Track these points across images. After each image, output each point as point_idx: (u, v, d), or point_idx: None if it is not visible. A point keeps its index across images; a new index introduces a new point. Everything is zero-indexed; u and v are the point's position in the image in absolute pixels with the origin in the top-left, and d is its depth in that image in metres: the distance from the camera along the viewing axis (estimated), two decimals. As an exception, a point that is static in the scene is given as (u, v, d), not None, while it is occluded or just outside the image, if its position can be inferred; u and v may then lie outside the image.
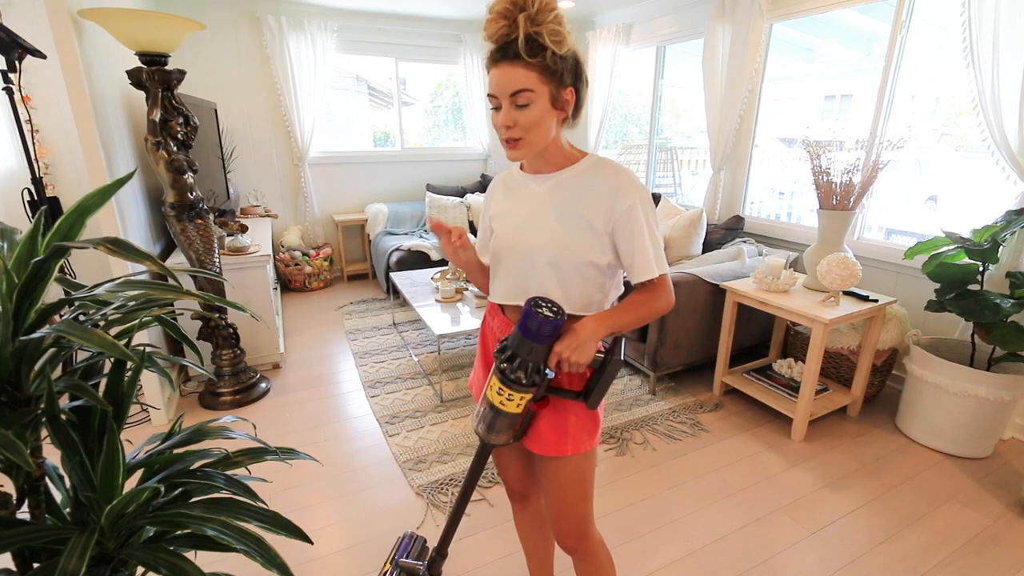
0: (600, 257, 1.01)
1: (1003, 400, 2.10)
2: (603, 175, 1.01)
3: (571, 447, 1.07)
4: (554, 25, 0.89)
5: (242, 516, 0.89)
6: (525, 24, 0.88)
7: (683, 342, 2.68)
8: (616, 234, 1.01)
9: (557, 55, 0.91)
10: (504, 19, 0.89)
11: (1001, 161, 2.20)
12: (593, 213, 1.00)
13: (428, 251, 4.03)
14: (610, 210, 0.99)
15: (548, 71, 0.91)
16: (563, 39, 0.91)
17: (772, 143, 3.84)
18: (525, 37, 0.88)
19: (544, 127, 0.96)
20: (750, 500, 1.98)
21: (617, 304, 1.07)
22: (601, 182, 1.00)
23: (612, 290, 1.09)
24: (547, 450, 1.08)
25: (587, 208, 1.00)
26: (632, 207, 0.98)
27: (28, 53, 1.91)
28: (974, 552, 1.74)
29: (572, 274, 1.02)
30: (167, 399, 2.55)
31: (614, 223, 1.00)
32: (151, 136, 2.21)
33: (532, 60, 0.90)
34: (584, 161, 1.04)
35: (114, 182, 0.87)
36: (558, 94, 0.94)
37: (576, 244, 1.00)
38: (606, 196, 0.99)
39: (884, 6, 2.68)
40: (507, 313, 1.13)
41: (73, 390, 0.82)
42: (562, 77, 0.93)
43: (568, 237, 1.00)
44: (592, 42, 4.55)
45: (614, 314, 1.00)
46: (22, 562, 0.87)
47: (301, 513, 1.90)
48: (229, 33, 3.98)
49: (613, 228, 1.00)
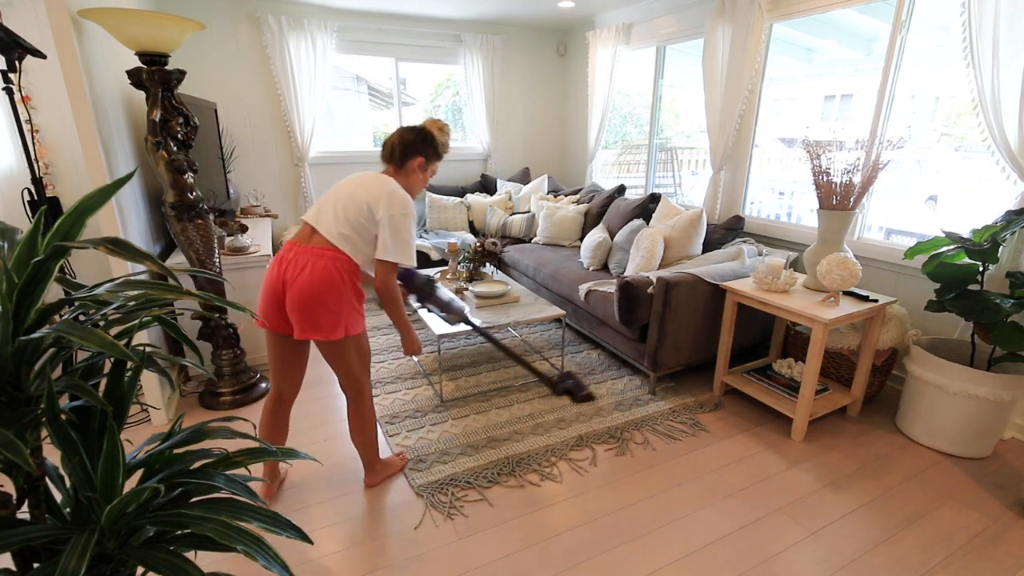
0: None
1: (1003, 400, 2.10)
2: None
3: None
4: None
5: (242, 516, 0.89)
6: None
7: (683, 342, 2.69)
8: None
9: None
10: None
11: (1001, 161, 2.20)
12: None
13: (428, 251, 4.03)
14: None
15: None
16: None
17: (772, 143, 3.84)
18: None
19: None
20: (750, 500, 1.98)
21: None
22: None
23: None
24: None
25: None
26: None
27: (28, 53, 1.91)
28: (974, 552, 1.74)
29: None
30: (167, 399, 2.55)
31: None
32: (151, 136, 2.21)
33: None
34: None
35: (114, 182, 0.87)
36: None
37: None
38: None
39: (884, 6, 2.68)
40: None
41: (73, 390, 0.82)
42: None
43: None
44: (592, 42, 4.55)
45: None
46: (22, 562, 0.87)
47: (301, 513, 1.90)
48: (229, 33, 3.98)
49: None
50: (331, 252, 1.68)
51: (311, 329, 1.68)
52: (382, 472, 2.08)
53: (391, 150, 1.82)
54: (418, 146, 1.82)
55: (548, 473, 2.13)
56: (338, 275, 1.67)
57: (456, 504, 1.95)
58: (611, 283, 3.03)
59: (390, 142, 1.83)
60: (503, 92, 5.07)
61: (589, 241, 3.54)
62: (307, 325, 1.67)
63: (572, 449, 2.28)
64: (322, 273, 1.65)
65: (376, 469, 2.05)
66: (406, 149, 1.81)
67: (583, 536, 1.81)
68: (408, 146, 1.81)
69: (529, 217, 4.43)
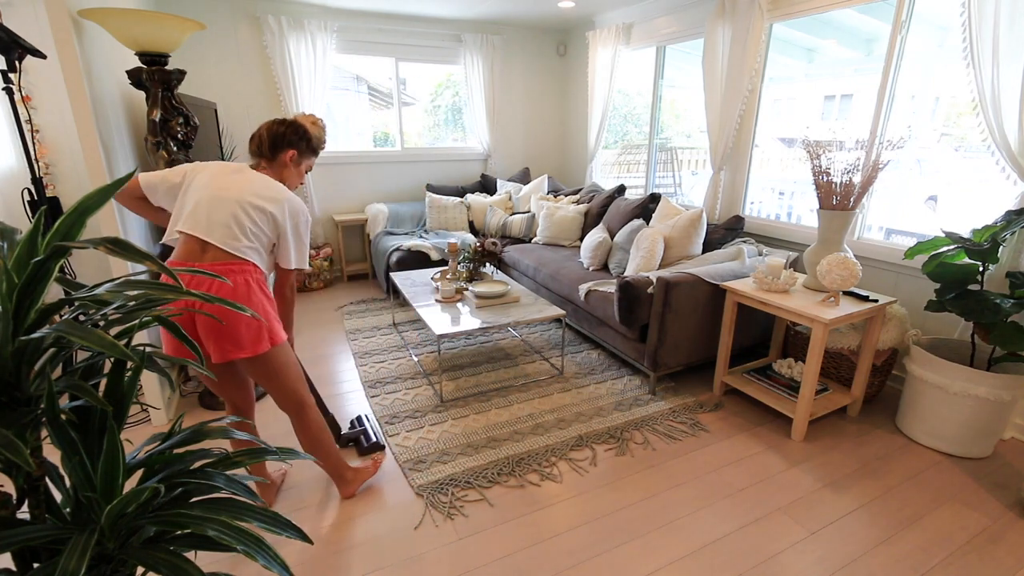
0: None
1: (1003, 400, 2.10)
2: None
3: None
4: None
5: (242, 516, 0.89)
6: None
7: (683, 342, 2.69)
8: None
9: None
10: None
11: (1001, 161, 2.20)
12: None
13: (428, 251, 4.03)
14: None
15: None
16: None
17: (772, 143, 3.84)
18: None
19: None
20: (750, 500, 1.98)
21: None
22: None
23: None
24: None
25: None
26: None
27: (28, 53, 1.91)
28: (974, 552, 1.74)
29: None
30: (167, 399, 2.55)
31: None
32: (151, 136, 2.21)
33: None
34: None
35: (114, 182, 0.87)
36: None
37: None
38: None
39: (884, 6, 2.68)
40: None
41: (73, 390, 0.81)
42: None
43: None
44: (592, 42, 4.55)
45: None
46: (22, 562, 0.87)
47: (301, 513, 1.90)
48: (229, 33, 3.98)
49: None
50: (237, 265, 1.56)
51: (233, 347, 1.55)
52: (355, 480, 1.98)
53: (259, 143, 1.73)
54: (289, 138, 1.75)
55: (548, 473, 2.13)
56: (248, 287, 1.57)
57: (456, 504, 1.95)
58: (611, 283, 3.03)
59: (257, 135, 1.74)
60: (503, 92, 5.07)
61: (589, 241, 3.54)
62: (227, 344, 1.55)
63: (572, 449, 2.28)
64: (234, 290, 1.54)
65: (348, 479, 1.96)
66: (276, 141, 1.73)
67: (583, 536, 1.81)
68: (278, 137, 1.73)
69: (529, 217, 4.43)
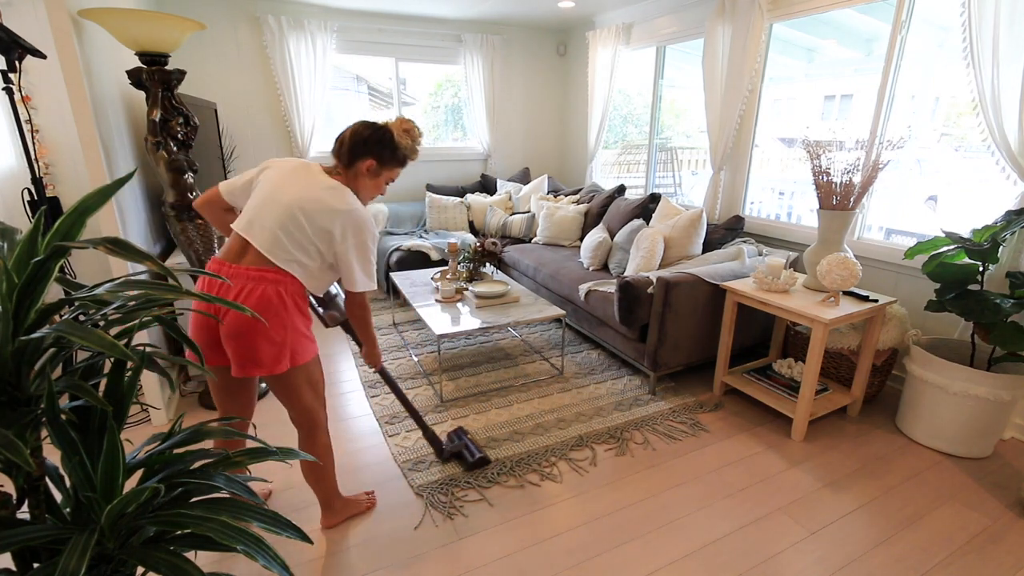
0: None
1: (1003, 400, 2.10)
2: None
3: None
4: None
5: (242, 516, 0.89)
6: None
7: (683, 342, 2.68)
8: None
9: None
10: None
11: (1001, 161, 2.20)
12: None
13: (428, 251, 4.03)
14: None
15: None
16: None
17: (772, 143, 3.83)
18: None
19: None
20: (750, 500, 1.98)
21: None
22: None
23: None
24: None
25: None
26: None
27: (28, 53, 1.91)
28: (974, 552, 1.74)
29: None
30: (167, 399, 2.55)
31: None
32: (151, 136, 2.21)
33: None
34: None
35: (114, 182, 0.87)
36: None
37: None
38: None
39: (884, 6, 2.68)
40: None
41: (73, 390, 0.82)
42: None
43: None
44: (592, 42, 4.55)
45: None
46: (22, 562, 0.87)
47: (301, 513, 1.90)
48: (229, 33, 3.98)
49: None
50: (273, 275, 1.41)
51: (251, 364, 1.42)
52: (343, 512, 1.82)
53: (340, 145, 1.54)
54: (372, 146, 1.53)
55: (548, 473, 2.13)
56: (280, 301, 1.42)
57: (456, 504, 1.95)
58: (611, 283, 3.03)
59: (341, 136, 1.55)
60: (503, 92, 5.07)
61: (589, 241, 3.54)
62: (245, 360, 1.42)
63: (572, 449, 2.28)
64: (260, 300, 1.39)
65: (335, 509, 1.80)
66: (356, 147, 1.52)
67: (583, 536, 1.81)
68: (359, 144, 1.52)
69: (529, 217, 4.43)
